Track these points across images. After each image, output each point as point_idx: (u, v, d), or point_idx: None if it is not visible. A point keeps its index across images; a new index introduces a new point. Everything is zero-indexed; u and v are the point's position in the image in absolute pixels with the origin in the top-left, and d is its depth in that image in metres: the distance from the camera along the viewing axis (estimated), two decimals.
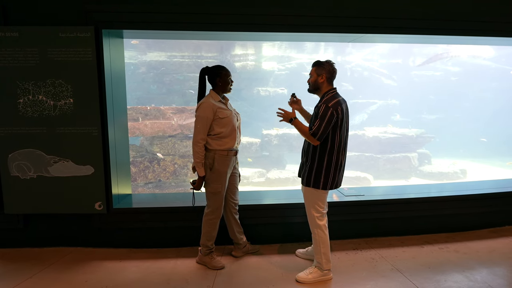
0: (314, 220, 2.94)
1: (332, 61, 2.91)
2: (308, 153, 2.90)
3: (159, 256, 3.45)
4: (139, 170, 7.82)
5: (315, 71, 2.89)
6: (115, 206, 3.52)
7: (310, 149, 2.88)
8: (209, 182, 3.10)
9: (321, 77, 2.86)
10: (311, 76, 2.92)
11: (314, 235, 2.96)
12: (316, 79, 2.88)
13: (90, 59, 3.27)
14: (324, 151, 2.81)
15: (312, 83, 2.91)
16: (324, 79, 2.86)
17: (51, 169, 3.38)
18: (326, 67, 2.86)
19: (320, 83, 2.88)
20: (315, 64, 2.92)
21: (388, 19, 3.55)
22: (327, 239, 2.95)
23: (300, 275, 2.98)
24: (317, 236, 2.94)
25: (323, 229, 2.94)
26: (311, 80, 2.92)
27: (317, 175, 2.85)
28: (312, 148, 2.86)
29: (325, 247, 2.94)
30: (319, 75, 2.87)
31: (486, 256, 3.45)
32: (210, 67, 3.13)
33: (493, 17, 3.72)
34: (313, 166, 2.86)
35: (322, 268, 2.95)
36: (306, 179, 2.91)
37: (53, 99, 3.30)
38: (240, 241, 3.41)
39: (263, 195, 4.16)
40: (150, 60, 13.00)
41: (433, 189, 4.33)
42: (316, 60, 2.95)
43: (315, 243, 2.97)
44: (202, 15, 3.33)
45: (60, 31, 3.22)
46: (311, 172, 2.87)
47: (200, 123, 2.99)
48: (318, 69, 2.88)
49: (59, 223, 3.59)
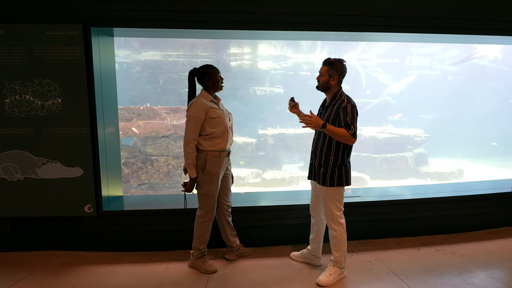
0: (336, 218, 2.90)
1: (343, 60, 2.84)
2: (328, 153, 2.84)
3: (150, 259, 3.37)
4: (132, 171, 7.71)
5: (327, 72, 2.82)
6: (105, 208, 3.44)
7: (329, 148, 2.83)
8: (201, 184, 3.02)
9: (333, 79, 2.82)
10: (322, 75, 2.84)
11: (336, 234, 2.91)
12: (328, 80, 2.82)
13: (78, 58, 3.19)
14: (345, 148, 2.82)
15: (323, 83, 2.85)
16: (336, 81, 2.83)
17: (39, 171, 3.30)
18: (338, 68, 2.80)
19: (331, 85, 2.84)
20: (326, 63, 2.84)
21: (384, 18, 3.49)
22: (346, 237, 2.95)
23: (321, 279, 2.91)
24: (339, 234, 2.91)
25: (344, 227, 2.94)
26: (323, 80, 2.85)
27: (339, 173, 2.83)
28: (333, 147, 2.82)
29: (345, 245, 2.95)
30: (331, 77, 2.81)
31: (484, 258, 3.40)
32: (197, 68, 3.07)
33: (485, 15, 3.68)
34: (336, 164, 2.83)
35: (340, 265, 2.94)
36: (329, 179, 2.84)
37: (40, 99, 3.22)
38: (233, 244, 3.34)
39: (256, 196, 4.10)
40: (144, 59, 12.89)
41: (430, 189, 4.29)
42: (327, 58, 2.86)
43: (336, 241, 2.92)
44: (194, 13, 3.26)
45: (47, 29, 3.13)
46: (334, 171, 2.83)
47: (191, 123, 2.91)
48: (330, 69, 2.80)
49: (48, 226, 3.50)
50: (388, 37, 4.00)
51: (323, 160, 2.86)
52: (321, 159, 2.88)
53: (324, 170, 2.86)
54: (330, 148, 2.83)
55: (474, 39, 4.09)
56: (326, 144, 2.85)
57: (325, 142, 2.85)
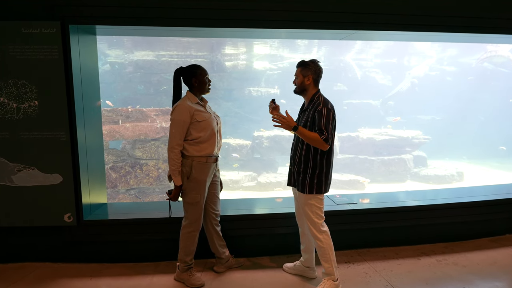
0: (318, 227, 2.73)
1: (317, 60, 2.75)
2: (306, 159, 2.70)
3: (134, 271, 3.17)
4: (120, 176, 7.44)
5: (300, 72, 2.74)
6: (86, 217, 3.24)
7: (308, 154, 2.69)
8: (186, 191, 2.82)
9: (308, 79, 2.71)
10: (297, 77, 2.77)
11: (321, 243, 2.73)
12: (303, 80, 2.72)
13: (56, 58, 2.99)
14: (323, 154, 2.68)
15: (299, 84, 2.76)
16: (311, 81, 2.71)
17: (15, 178, 3.09)
18: (311, 67, 2.71)
19: (306, 85, 2.73)
20: (300, 65, 2.77)
21: (383, 15, 3.32)
22: (332, 245, 2.76)
23: None
24: (324, 243, 2.73)
25: (328, 235, 2.76)
26: (298, 82, 2.76)
27: (318, 180, 2.69)
28: (311, 153, 2.68)
29: (333, 254, 2.76)
30: (305, 77, 2.71)
31: (487, 269, 3.22)
32: (184, 67, 2.88)
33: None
34: (315, 171, 2.68)
35: (334, 277, 2.75)
36: (308, 187, 2.69)
37: (16, 101, 3.01)
38: (222, 255, 3.14)
39: (247, 203, 3.90)
40: (137, 59, 12.64)
41: (430, 195, 4.10)
42: (300, 60, 2.79)
43: (323, 251, 2.74)
44: (182, 10, 3.06)
45: (22, 27, 2.93)
46: (313, 178, 2.68)
47: (175, 127, 2.72)
48: (303, 70, 2.72)
49: (25, 236, 3.29)
50: (389, 36, 3.83)
51: (302, 166, 2.71)
52: (300, 165, 2.73)
53: (303, 176, 2.71)
54: (308, 153, 2.69)
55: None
56: (304, 149, 2.71)
57: (303, 147, 2.71)
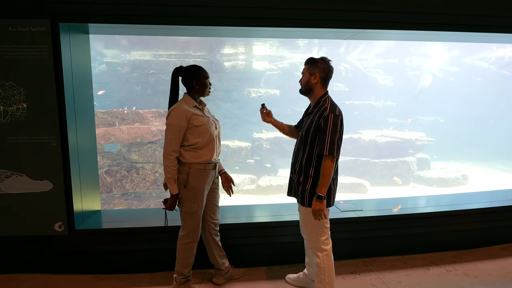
0: (319, 244, 2.49)
1: (327, 58, 2.48)
2: (307, 168, 2.45)
3: (129, 283, 3.01)
4: (116, 180, 7.20)
5: (307, 70, 2.49)
6: (78, 226, 3.07)
7: (309, 163, 2.44)
8: (183, 201, 2.66)
9: (314, 77, 2.46)
10: (303, 75, 2.52)
11: (319, 262, 2.50)
12: (309, 79, 2.48)
13: (46, 58, 2.82)
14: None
15: (304, 83, 2.51)
16: (318, 80, 2.46)
17: (3, 185, 2.92)
18: (320, 65, 2.45)
19: (313, 84, 2.47)
20: (308, 62, 2.51)
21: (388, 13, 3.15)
22: (332, 266, 2.52)
23: None
24: (322, 263, 2.49)
25: (329, 255, 2.51)
26: (303, 80, 2.52)
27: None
28: (313, 162, 2.42)
29: (330, 277, 2.49)
30: (311, 75, 2.46)
31: (500, 280, 3.07)
32: (185, 67, 2.70)
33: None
34: (316, 182, 2.42)
35: None
36: (308, 199, 2.44)
37: (3, 104, 2.84)
38: (221, 266, 2.97)
39: (248, 210, 3.73)
40: (134, 59, 12.44)
41: (438, 201, 3.94)
42: (309, 57, 2.53)
43: (319, 270, 2.51)
44: (177, 7, 2.90)
45: (9, 25, 2.76)
46: (314, 190, 2.42)
47: (171, 133, 2.55)
48: (311, 67, 2.47)
49: (14, 246, 3.11)
50: (392, 35, 3.67)
51: (302, 176, 2.48)
52: (300, 174, 2.50)
53: (303, 187, 2.47)
54: (310, 162, 2.44)
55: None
56: (305, 157, 2.47)
57: (305, 154, 2.47)
